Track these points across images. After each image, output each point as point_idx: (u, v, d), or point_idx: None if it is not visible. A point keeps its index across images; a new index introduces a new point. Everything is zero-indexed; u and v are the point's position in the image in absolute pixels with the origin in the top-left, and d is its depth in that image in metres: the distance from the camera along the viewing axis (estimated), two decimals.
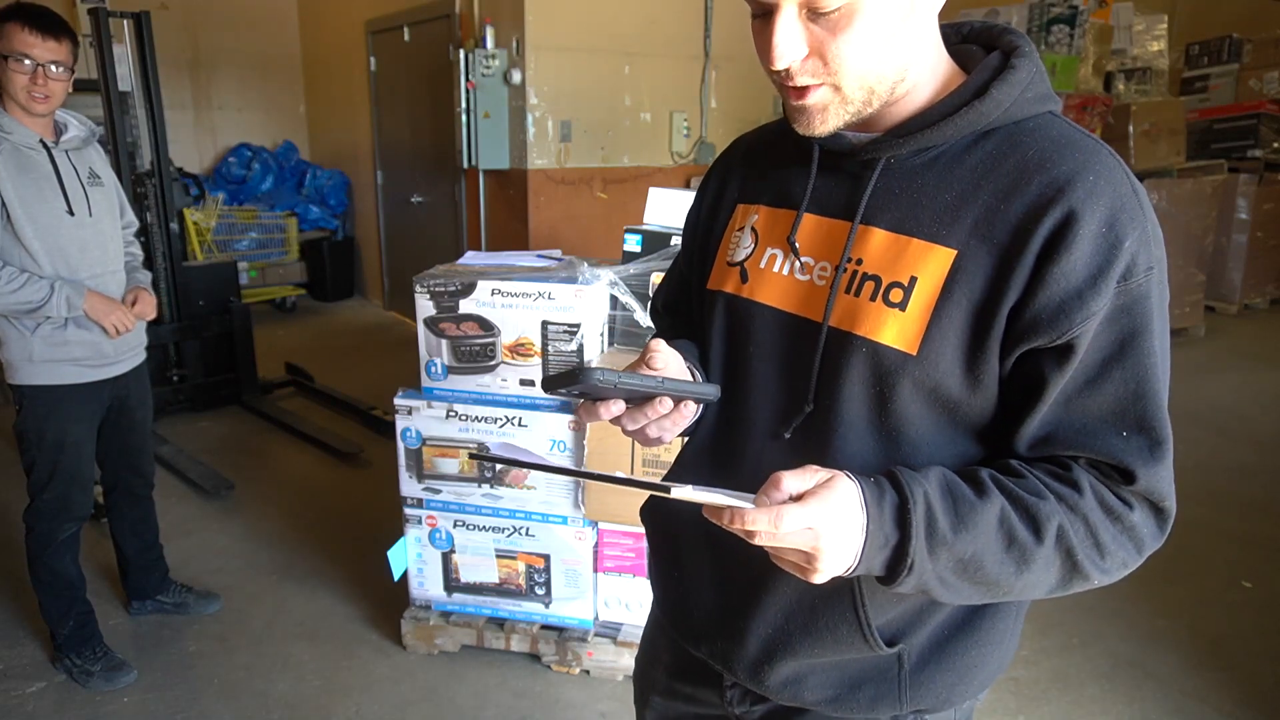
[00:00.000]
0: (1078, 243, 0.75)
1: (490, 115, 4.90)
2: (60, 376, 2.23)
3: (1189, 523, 3.34)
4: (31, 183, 2.13)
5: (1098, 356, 0.78)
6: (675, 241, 2.21)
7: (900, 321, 0.81)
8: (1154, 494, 0.80)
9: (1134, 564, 0.83)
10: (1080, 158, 0.79)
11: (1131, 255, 0.76)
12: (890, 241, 0.83)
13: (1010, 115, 0.82)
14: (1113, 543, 0.80)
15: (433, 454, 2.34)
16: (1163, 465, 0.79)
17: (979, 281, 0.79)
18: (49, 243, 2.16)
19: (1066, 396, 0.79)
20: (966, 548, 0.77)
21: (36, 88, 2.09)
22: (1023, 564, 0.78)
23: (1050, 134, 0.82)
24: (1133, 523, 0.80)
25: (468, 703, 2.32)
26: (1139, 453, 0.79)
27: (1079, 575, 0.81)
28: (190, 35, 6.88)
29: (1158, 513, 0.82)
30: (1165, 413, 0.79)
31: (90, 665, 2.37)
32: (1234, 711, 2.30)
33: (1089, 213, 0.76)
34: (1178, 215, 5.65)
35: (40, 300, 2.12)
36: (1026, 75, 0.83)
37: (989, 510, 0.77)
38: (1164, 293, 0.80)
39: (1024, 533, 0.78)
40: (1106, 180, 0.78)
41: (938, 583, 0.78)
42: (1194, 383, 5.04)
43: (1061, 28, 5.10)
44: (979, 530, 0.77)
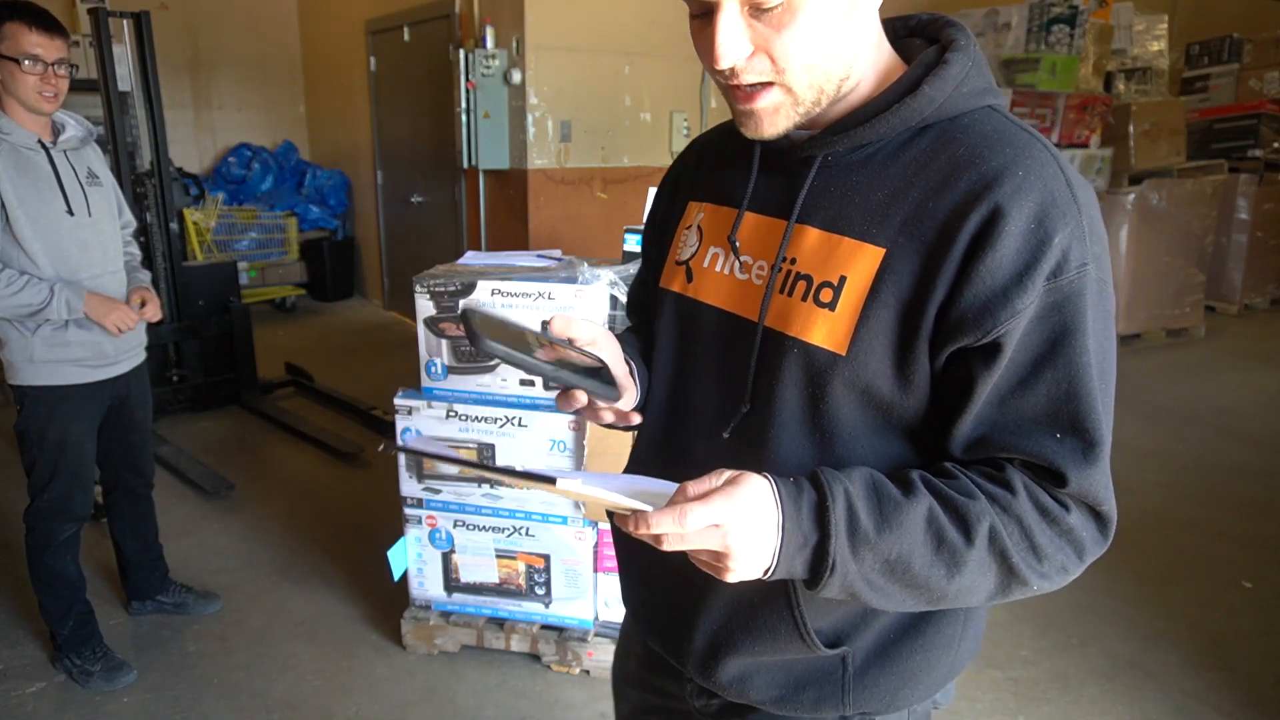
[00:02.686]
0: (1004, 239, 0.74)
1: (490, 115, 4.90)
2: (61, 377, 2.23)
3: (1189, 523, 3.35)
4: (31, 183, 2.13)
5: (1028, 356, 0.76)
6: None
7: (830, 321, 0.81)
8: (1088, 497, 0.78)
9: (1075, 569, 0.80)
10: (1011, 153, 0.77)
11: (1062, 251, 0.74)
12: (822, 240, 0.83)
13: (945, 111, 0.81)
14: (1050, 546, 0.78)
15: None
16: (1096, 468, 0.77)
17: (907, 280, 0.78)
18: (49, 243, 2.16)
19: (999, 397, 0.78)
20: (892, 548, 0.74)
21: (47, 87, 2.11)
22: (954, 567, 0.76)
23: (984, 129, 0.80)
24: (1070, 525, 0.78)
25: (468, 703, 2.32)
26: (1071, 455, 0.77)
27: (1016, 579, 0.78)
28: (190, 35, 6.88)
29: (1096, 517, 0.80)
30: (1101, 414, 0.77)
31: (90, 665, 2.37)
32: (1234, 711, 2.30)
33: (1016, 209, 0.75)
34: (1178, 215, 5.66)
35: (40, 303, 2.11)
36: (960, 70, 0.81)
37: (916, 509, 0.75)
38: (1103, 290, 0.78)
39: (953, 534, 0.75)
40: (1037, 175, 0.76)
41: (865, 586, 0.76)
42: (1194, 383, 5.04)
43: (1061, 28, 5.10)
44: (905, 530, 0.75)
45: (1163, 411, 4.52)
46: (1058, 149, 0.81)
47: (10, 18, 2.07)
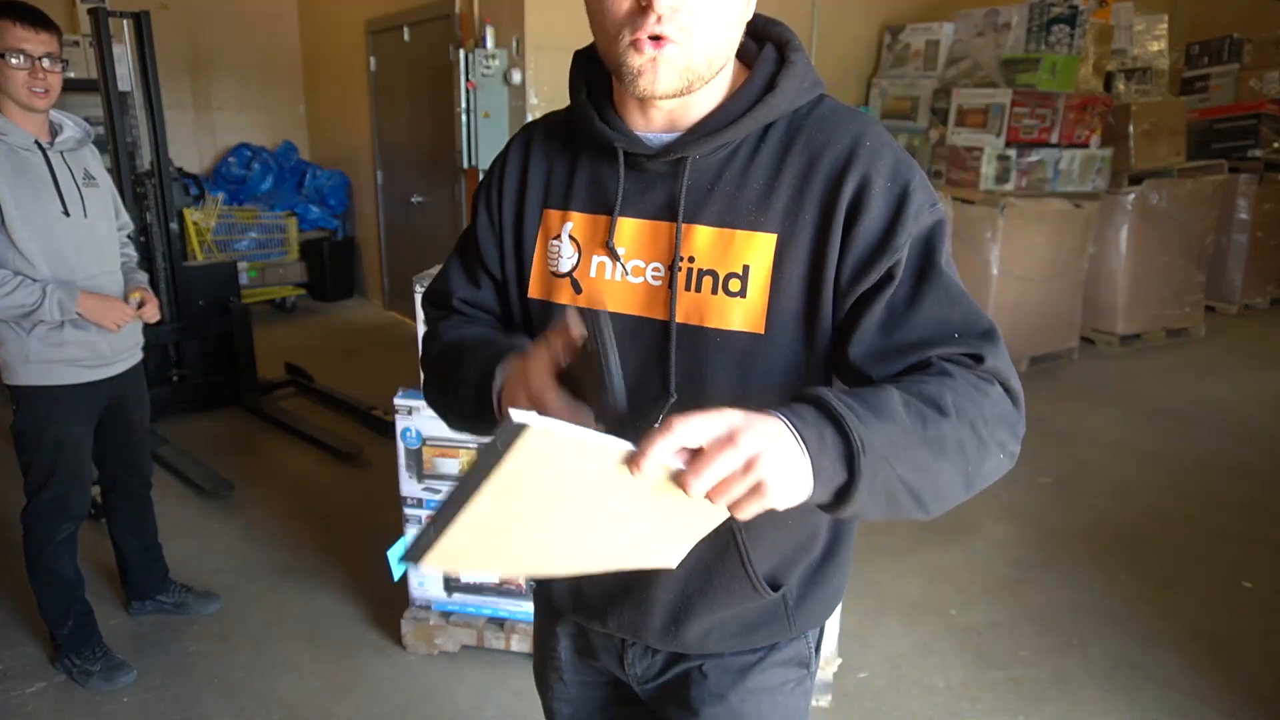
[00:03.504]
0: (873, 199, 0.87)
1: (490, 115, 4.90)
2: (57, 377, 2.23)
3: (1189, 523, 3.35)
4: (27, 184, 2.12)
5: (911, 279, 0.87)
6: None
7: (743, 307, 0.90)
8: (1000, 373, 0.86)
9: (1013, 443, 0.86)
10: (855, 129, 0.90)
11: (918, 197, 0.88)
12: (716, 236, 0.91)
13: (792, 104, 0.92)
14: (994, 416, 0.83)
15: (433, 454, 2.34)
16: (998, 347, 0.87)
17: (802, 255, 0.89)
18: (44, 244, 2.15)
19: (897, 317, 0.87)
20: (889, 429, 0.73)
21: (36, 82, 2.09)
22: (939, 443, 0.77)
23: (824, 114, 0.92)
24: (998, 396, 0.85)
25: (468, 703, 2.32)
26: (975, 342, 0.86)
27: (987, 452, 0.82)
28: (190, 35, 6.88)
29: (1009, 392, 0.87)
30: (980, 309, 0.88)
31: (90, 665, 2.37)
32: (1234, 711, 2.30)
33: (876, 172, 0.88)
34: (1178, 215, 5.65)
35: (33, 304, 2.11)
36: (802, 68, 0.92)
37: (890, 394, 0.77)
38: (947, 223, 0.91)
39: (930, 410, 0.78)
40: (879, 142, 0.89)
41: (892, 474, 0.73)
42: (1194, 383, 5.04)
43: (1061, 28, 5.10)
44: (891, 413, 0.75)
45: (1163, 411, 4.51)
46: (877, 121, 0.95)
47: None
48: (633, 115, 0.94)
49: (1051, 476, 3.71)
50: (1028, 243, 5.02)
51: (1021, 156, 5.04)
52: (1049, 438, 4.11)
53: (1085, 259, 5.44)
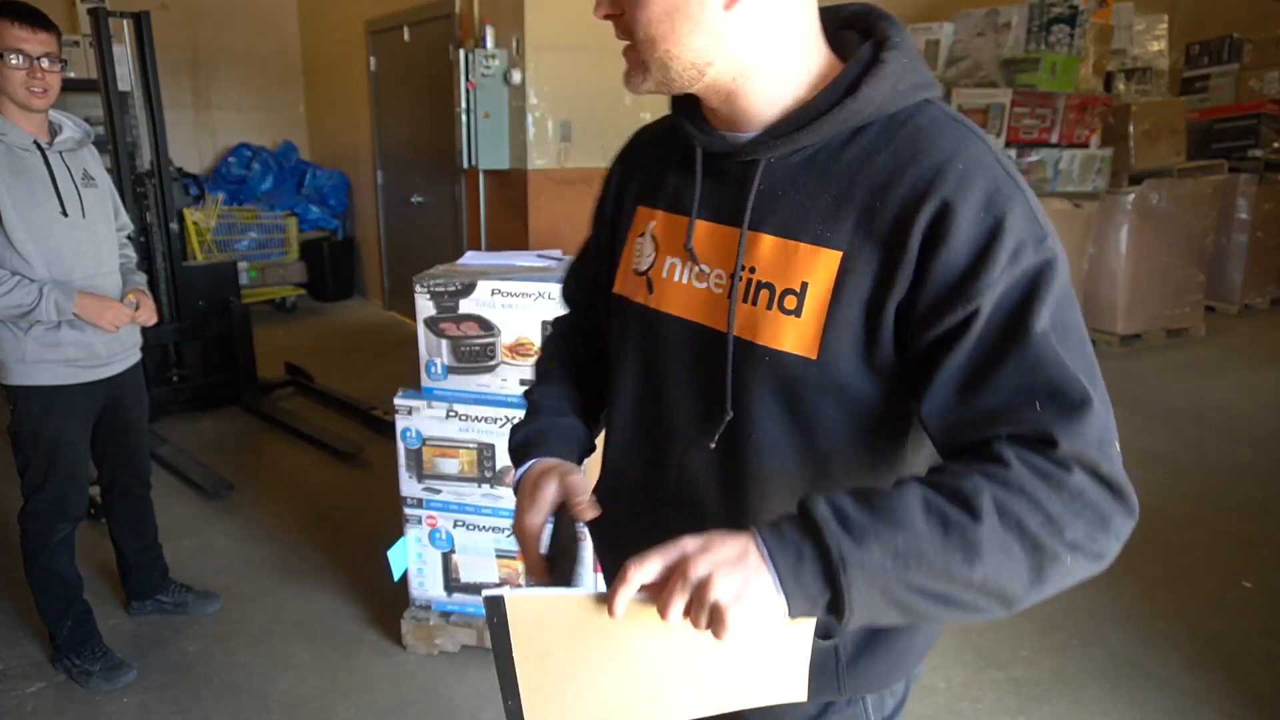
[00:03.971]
0: (957, 231, 0.76)
1: (490, 115, 4.90)
2: (54, 377, 2.23)
3: (1189, 522, 3.35)
4: (25, 184, 2.12)
5: (993, 335, 0.76)
6: None
7: (797, 328, 0.82)
8: (1084, 458, 0.74)
9: (1104, 539, 0.74)
10: (949, 146, 0.79)
11: (1017, 234, 0.76)
12: (778, 247, 0.84)
13: (883, 109, 0.82)
14: (1066, 511, 0.73)
15: (433, 454, 2.34)
16: (1084, 425, 0.74)
17: (867, 280, 0.80)
18: (42, 244, 2.15)
19: (971, 379, 0.77)
20: (894, 536, 0.70)
21: (35, 81, 2.09)
22: (970, 549, 0.71)
23: (921, 124, 0.82)
24: (1077, 487, 0.73)
25: (468, 703, 2.32)
26: (1055, 418, 0.74)
27: (1046, 555, 0.72)
28: (190, 35, 6.88)
29: (1103, 482, 0.75)
30: (1076, 376, 0.74)
31: (89, 665, 2.37)
32: (1234, 712, 2.30)
33: (963, 200, 0.76)
34: (1178, 215, 5.65)
35: (30, 304, 2.10)
36: (897, 68, 0.82)
37: (907, 497, 0.73)
38: (1057, 263, 0.77)
39: (956, 513, 0.72)
40: (976, 164, 0.78)
41: (895, 584, 0.71)
42: (1194, 383, 5.04)
43: (1062, 28, 5.10)
44: (901, 516, 0.71)
45: (1163, 411, 4.51)
46: (993, 139, 0.87)
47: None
48: (717, 114, 0.90)
49: None
50: None
51: (1021, 156, 5.04)
52: None
53: (1085, 259, 5.44)
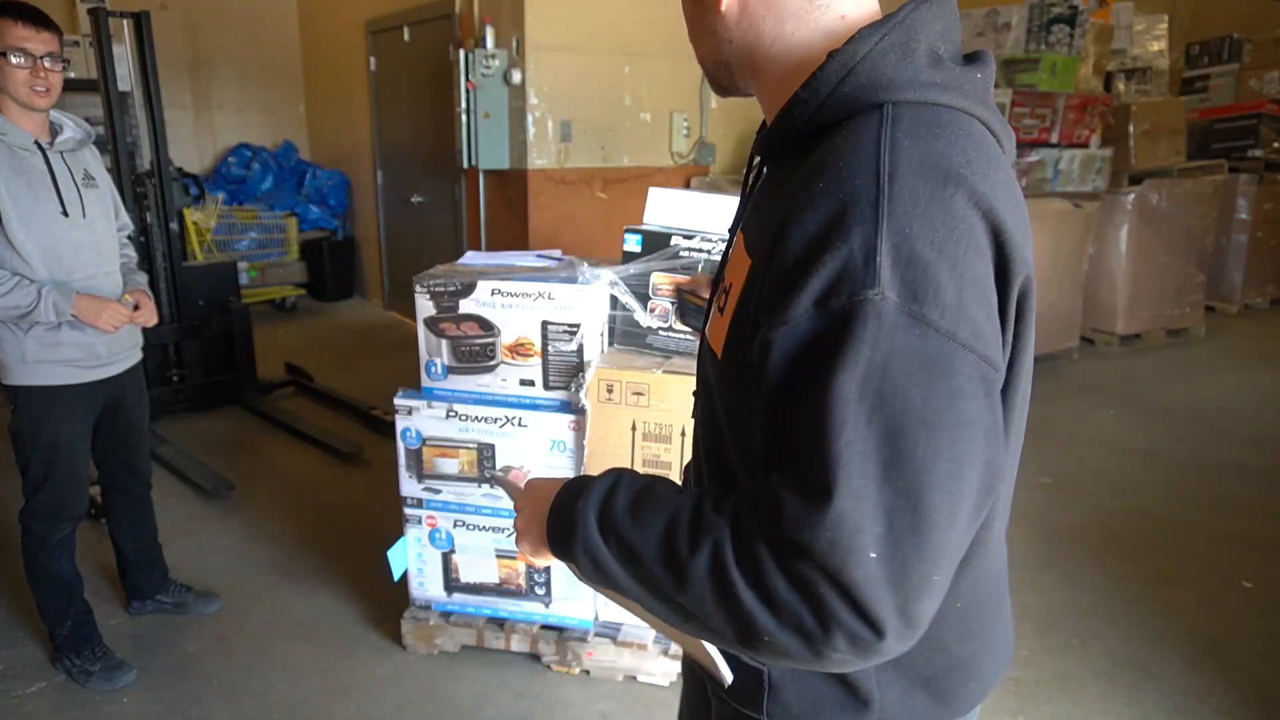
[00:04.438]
0: (781, 253, 0.69)
1: (490, 115, 4.90)
2: (54, 377, 2.23)
3: (1189, 523, 3.35)
4: (25, 184, 2.12)
5: (781, 379, 0.68)
6: (675, 241, 2.21)
7: (719, 325, 0.84)
8: (815, 552, 0.64)
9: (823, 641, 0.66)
10: (828, 163, 0.70)
11: (835, 273, 0.65)
12: (737, 250, 0.85)
13: (828, 114, 0.73)
14: (784, 592, 0.66)
15: (433, 454, 2.34)
16: (816, 521, 0.64)
17: (751, 291, 0.76)
18: (42, 244, 2.15)
19: (760, 422, 0.71)
20: (632, 534, 0.75)
21: (38, 81, 2.09)
22: (679, 576, 0.70)
23: (837, 136, 0.72)
24: (807, 578, 0.65)
25: (468, 703, 2.32)
26: (790, 498, 0.66)
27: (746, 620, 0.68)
28: (190, 35, 6.88)
29: (835, 584, 0.64)
30: (842, 468, 0.63)
31: (89, 665, 2.37)
32: (1234, 711, 2.30)
33: (799, 220, 0.68)
34: (1178, 215, 5.65)
35: (28, 305, 2.10)
36: (838, 68, 0.72)
37: (668, 507, 0.74)
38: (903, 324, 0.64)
39: (684, 539, 0.71)
40: (837, 185, 0.67)
41: (612, 563, 0.76)
42: (1194, 383, 5.04)
43: (1062, 28, 5.10)
44: (647, 522, 0.74)
45: (1163, 411, 4.51)
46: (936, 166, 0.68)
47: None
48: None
49: (1051, 476, 3.71)
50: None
51: (1021, 156, 5.04)
52: (1049, 438, 4.11)
53: (1085, 259, 5.44)
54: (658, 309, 2.23)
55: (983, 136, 0.74)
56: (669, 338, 2.25)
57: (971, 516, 0.68)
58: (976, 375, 0.66)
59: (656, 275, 2.22)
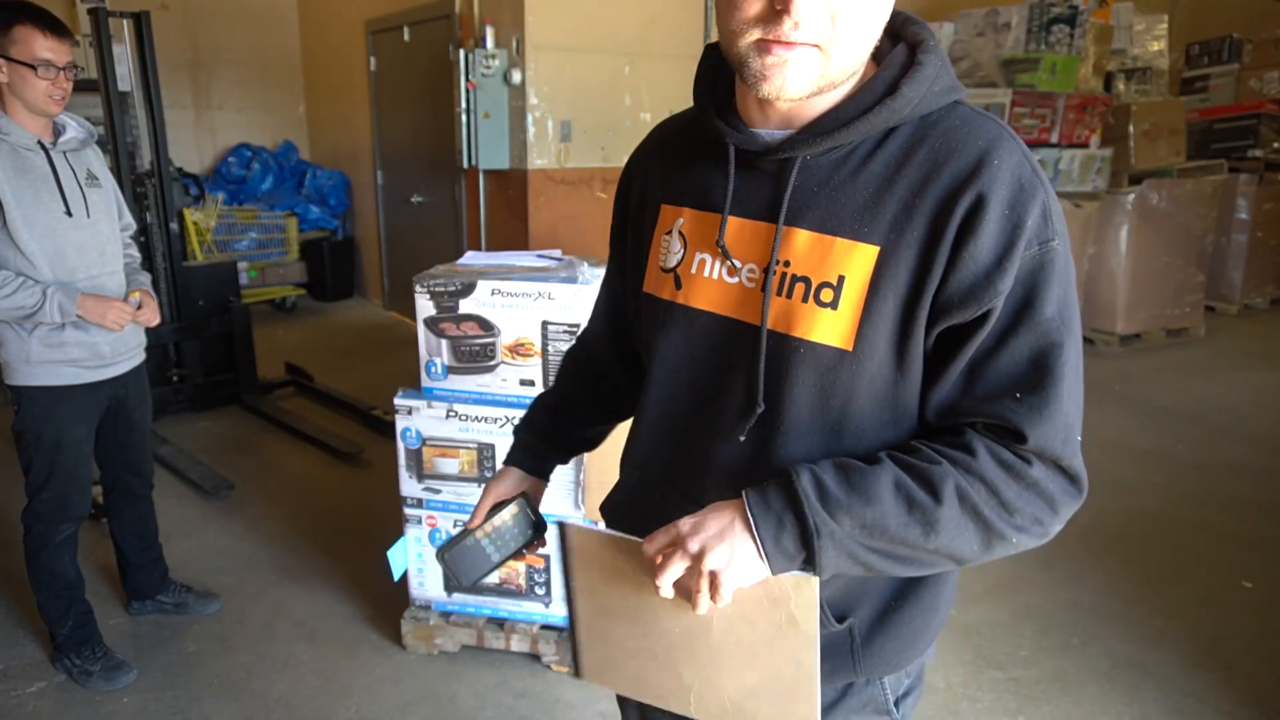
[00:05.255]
0: (985, 225, 0.80)
1: (490, 115, 4.90)
2: (58, 377, 2.23)
3: (1189, 523, 3.35)
4: (29, 185, 2.12)
5: (998, 326, 0.82)
6: None
7: (833, 320, 0.85)
8: (1048, 452, 0.83)
9: (1050, 521, 0.85)
10: (984, 144, 0.83)
11: (1031, 231, 0.80)
12: (814, 242, 0.86)
13: (918, 110, 0.85)
14: (1018, 499, 0.83)
15: (433, 454, 2.34)
16: (1051, 423, 0.82)
17: (903, 274, 0.83)
18: (46, 245, 2.15)
19: (972, 365, 0.84)
20: (865, 512, 0.80)
21: (56, 90, 2.12)
22: (929, 527, 0.81)
23: (953, 123, 0.85)
24: (1035, 478, 0.83)
25: (468, 703, 2.32)
26: (1028, 413, 0.82)
27: (995, 534, 0.83)
28: (190, 35, 6.88)
29: (1061, 471, 0.84)
30: (1060, 377, 0.81)
31: (90, 665, 2.37)
32: (1234, 711, 2.30)
33: (994, 195, 0.80)
34: (1178, 215, 5.65)
35: (33, 306, 2.10)
36: (933, 71, 0.85)
37: (883, 476, 0.81)
38: (1065, 263, 0.83)
39: (922, 495, 0.81)
40: (1008, 162, 0.82)
41: (860, 549, 0.81)
42: (1194, 383, 5.04)
43: (1061, 28, 5.10)
44: (874, 495, 0.81)
45: (1163, 411, 4.51)
46: (1016, 135, 0.87)
47: (20, 20, 2.06)
48: (750, 111, 0.90)
49: None
50: None
51: None
52: None
53: (1085, 259, 5.44)
54: None
55: None
56: None
57: None
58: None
59: None
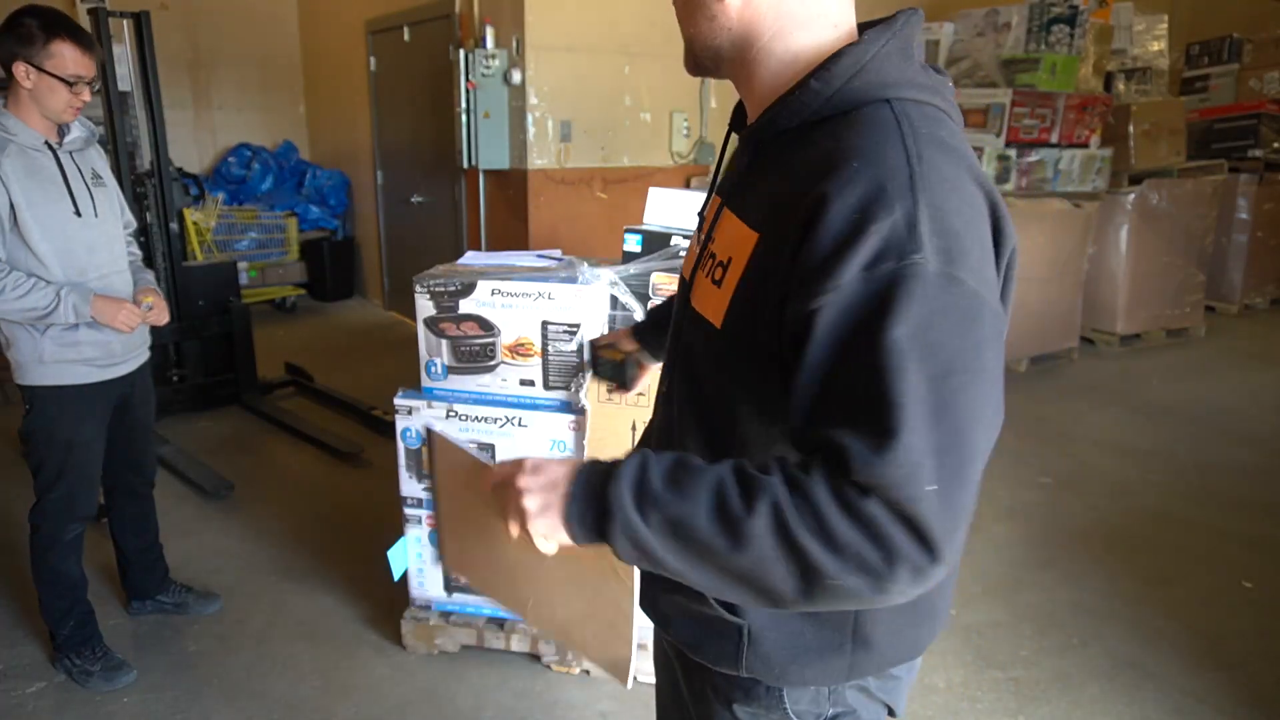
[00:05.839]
0: (824, 223, 0.74)
1: (490, 115, 4.90)
2: (71, 376, 2.23)
3: (1189, 523, 3.35)
4: (38, 185, 2.12)
5: (835, 340, 0.74)
6: (675, 241, 2.21)
7: (715, 296, 0.88)
8: (883, 490, 0.71)
9: (885, 572, 0.72)
10: (861, 146, 0.77)
11: (883, 239, 0.72)
12: (729, 223, 0.89)
13: (837, 104, 0.81)
14: (847, 534, 0.71)
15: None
16: (886, 460, 0.71)
17: (767, 265, 0.82)
18: (57, 244, 2.15)
19: (808, 381, 0.76)
20: (677, 508, 0.76)
21: (76, 100, 2.14)
22: (736, 539, 0.74)
23: (856, 121, 0.79)
24: (869, 516, 0.71)
25: (468, 703, 2.32)
26: (859, 443, 0.72)
27: (815, 570, 0.72)
28: (190, 35, 6.88)
29: (900, 517, 0.71)
30: (902, 407, 0.71)
31: (90, 665, 2.37)
32: (1234, 711, 2.30)
33: (839, 194, 0.74)
34: (1178, 215, 5.66)
35: (46, 306, 2.10)
36: (852, 62, 0.80)
37: (708, 476, 0.77)
38: (939, 287, 0.72)
39: (736, 503, 0.74)
40: (876, 165, 0.74)
41: (659, 547, 0.76)
42: (1194, 383, 5.04)
43: (1062, 28, 5.09)
44: (691, 492, 0.76)
45: (1163, 411, 4.51)
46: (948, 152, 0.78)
47: (59, 35, 2.07)
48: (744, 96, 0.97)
49: (1051, 476, 3.71)
50: (1028, 243, 5.02)
51: (1021, 156, 5.04)
52: (1049, 438, 4.11)
53: (1085, 259, 5.44)
54: None
55: (956, 132, 0.85)
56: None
57: (987, 451, 0.78)
58: (994, 328, 0.77)
59: (656, 275, 2.22)
